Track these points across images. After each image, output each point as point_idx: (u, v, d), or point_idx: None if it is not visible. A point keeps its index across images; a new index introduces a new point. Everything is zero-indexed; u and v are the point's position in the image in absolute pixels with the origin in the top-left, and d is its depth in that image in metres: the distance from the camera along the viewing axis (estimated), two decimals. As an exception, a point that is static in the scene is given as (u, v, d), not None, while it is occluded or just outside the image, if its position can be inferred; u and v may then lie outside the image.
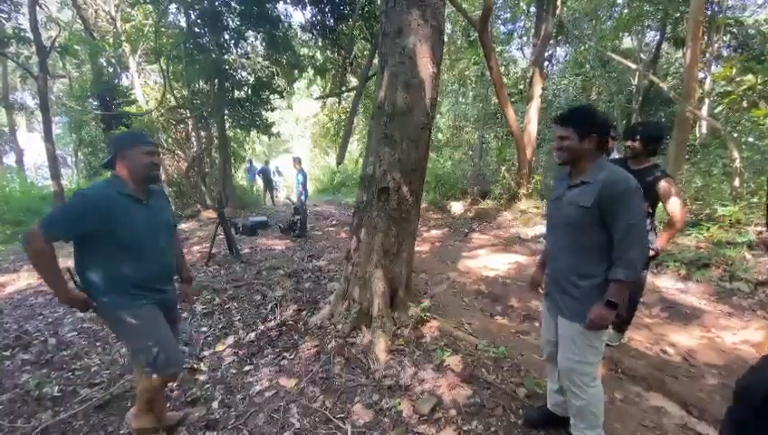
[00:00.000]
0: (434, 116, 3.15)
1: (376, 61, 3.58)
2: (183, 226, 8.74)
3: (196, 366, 2.79)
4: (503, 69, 11.17)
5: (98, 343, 3.15)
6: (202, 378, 2.66)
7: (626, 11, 10.56)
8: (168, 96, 10.06)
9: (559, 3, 8.30)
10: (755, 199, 4.92)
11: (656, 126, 2.62)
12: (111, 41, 10.49)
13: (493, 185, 9.65)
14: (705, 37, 8.52)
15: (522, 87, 11.84)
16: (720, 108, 6.67)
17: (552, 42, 10.40)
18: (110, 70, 11.91)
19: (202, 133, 11.33)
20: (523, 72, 12.74)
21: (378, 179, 2.92)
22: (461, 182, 10.51)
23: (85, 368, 2.79)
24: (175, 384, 2.56)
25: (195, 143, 11.46)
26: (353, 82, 11.13)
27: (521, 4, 10.97)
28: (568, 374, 1.74)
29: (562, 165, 1.72)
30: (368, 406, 2.28)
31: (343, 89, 10.29)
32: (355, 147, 17.01)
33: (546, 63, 11.37)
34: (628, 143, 2.53)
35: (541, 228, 6.78)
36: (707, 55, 9.14)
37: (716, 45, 9.45)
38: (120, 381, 2.59)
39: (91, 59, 11.13)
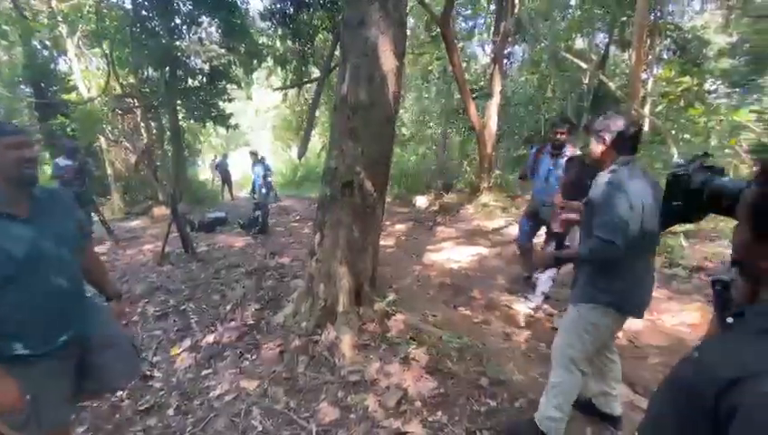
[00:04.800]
0: (397, 110, 3.14)
1: (338, 52, 3.50)
2: (133, 223, 8.20)
3: (149, 373, 2.63)
4: (465, 65, 11.35)
5: None
6: (156, 385, 2.52)
7: (578, 13, 11.08)
8: (112, 83, 9.34)
9: (517, 2, 8.54)
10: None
11: None
12: (46, 21, 9.53)
13: (456, 179, 9.84)
14: (649, 41, 9.12)
15: (483, 83, 12.12)
16: (661, 107, 7.19)
17: (510, 40, 10.70)
18: (45, 53, 10.86)
19: (152, 124, 10.64)
20: (484, 69, 13.04)
21: (341, 173, 2.87)
22: (425, 176, 10.63)
23: None
24: (125, 393, 2.40)
25: (144, 135, 10.75)
26: (316, 73, 10.87)
27: (481, 0, 11.19)
28: (555, 351, 1.89)
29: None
30: (333, 403, 2.25)
31: (305, 80, 10.01)
32: (318, 140, 16.70)
33: (505, 61, 11.68)
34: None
35: (501, 221, 7.01)
36: (650, 57, 9.80)
37: (658, 49, 10.15)
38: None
39: (22, 40, 10.08)
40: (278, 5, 7.95)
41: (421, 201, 9.35)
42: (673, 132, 6.92)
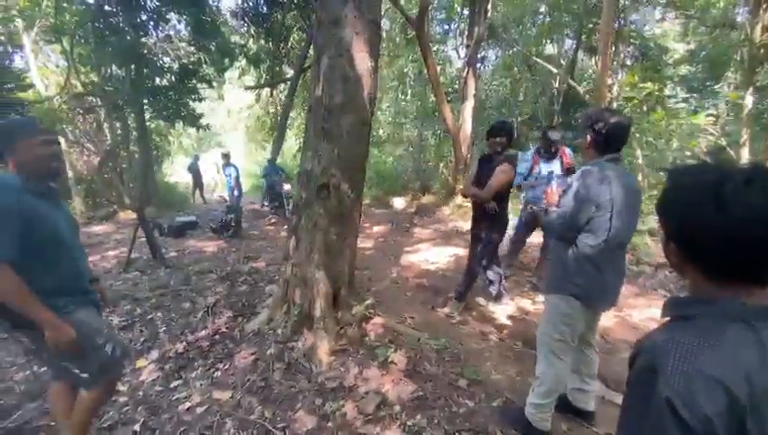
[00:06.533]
0: (373, 111, 3.11)
1: (311, 52, 3.44)
2: (96, 228, 7.79)
3: (112, 387, 2.48)
4: (439, 68, 11.47)
5: (-17, 371, 2.66)
6: (121, 399, 2.37)
7: (547, 19, 11.42)
8: (72, 81, 8.84)
9: (489, 7, 8.71)
10: (654, 192, 5.61)
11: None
12: (0, 15, 8.92)
13: (432, 180, 9.91)
14: (614, 47, 9.50)
15: (457, 86, 12.30)
16: (626, 111, 7.48)
17: (483, 44, 10.90)
18: (-1, 48, 10.16)
19: (117, 124, 10.15)
20: (458, 72, 13.23)
21: (317, 176, 2.81)
22: (403, 178, 10.65)
23: (-34, 402, 2.34)
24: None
25: (108, 135, 10.25)
26: (290, 73, 10.69)
27: (455, 5, 11.35)
28: (537, 342, 1.97)
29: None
30: (310, 411, 2.19)
31: (278, 80, 9.79)
32: (294, 142, 16.43)
33: (479, 65, 11.87)
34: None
35: (477, 222, 7.10)
36: (615, 63, 10.22)
37: (622, 55, 10.60)
38: (17, 412, 2.21)
39: (-30, 34, 9.39)
40: (250, 3, 7.78)
41: (399, 203, 9.37)
42: (638, 135, 7.22)
